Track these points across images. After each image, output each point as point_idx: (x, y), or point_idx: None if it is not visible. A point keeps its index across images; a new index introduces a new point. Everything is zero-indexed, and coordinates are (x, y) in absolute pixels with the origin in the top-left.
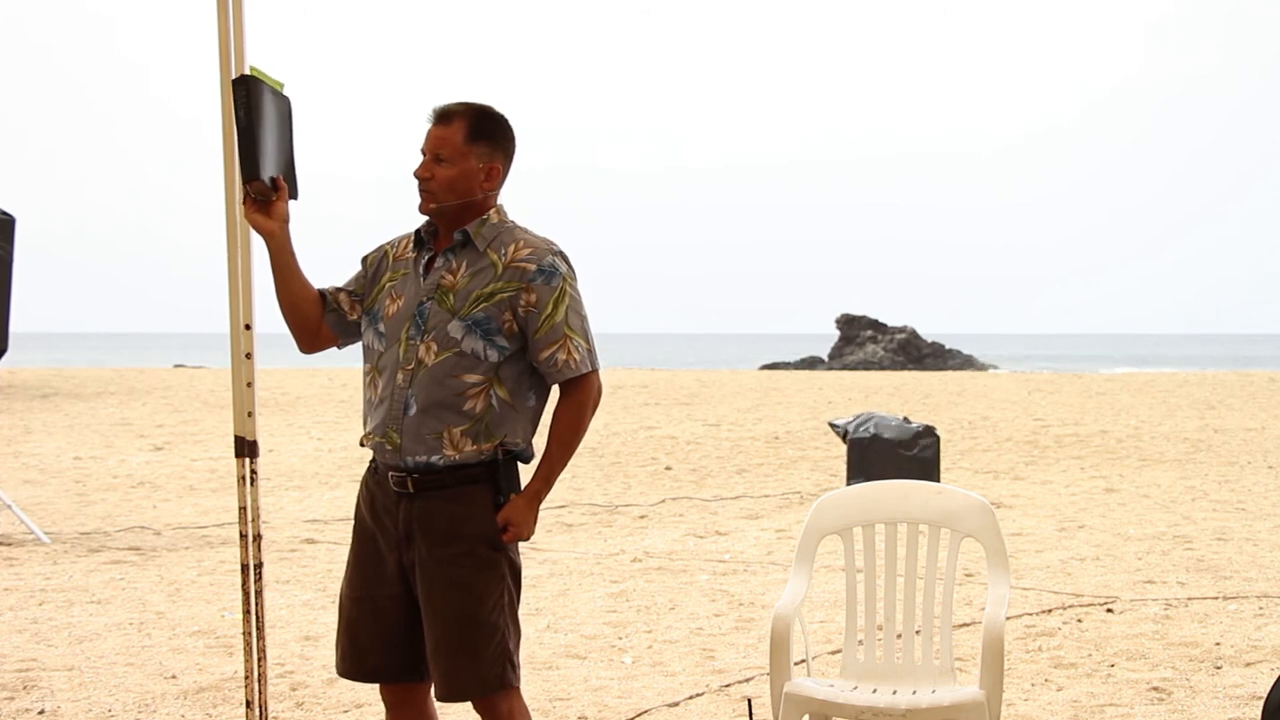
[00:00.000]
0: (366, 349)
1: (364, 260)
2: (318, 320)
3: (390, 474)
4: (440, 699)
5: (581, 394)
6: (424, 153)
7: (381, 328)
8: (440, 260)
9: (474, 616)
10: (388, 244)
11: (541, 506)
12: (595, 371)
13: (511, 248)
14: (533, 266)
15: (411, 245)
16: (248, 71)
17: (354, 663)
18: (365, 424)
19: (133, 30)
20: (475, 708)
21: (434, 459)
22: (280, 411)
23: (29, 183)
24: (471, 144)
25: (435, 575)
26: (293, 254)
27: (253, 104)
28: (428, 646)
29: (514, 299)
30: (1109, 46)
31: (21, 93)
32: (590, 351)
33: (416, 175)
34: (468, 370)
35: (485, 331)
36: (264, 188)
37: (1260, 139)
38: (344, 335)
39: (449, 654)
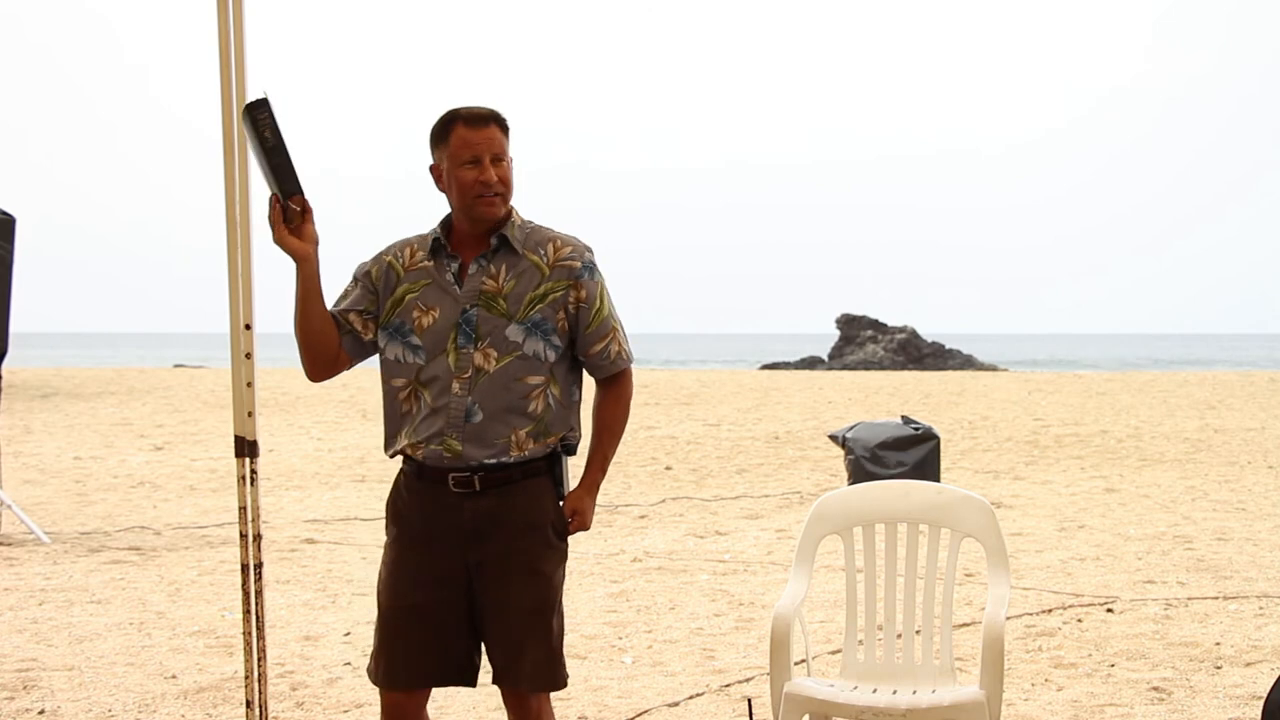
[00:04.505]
0: (393, 363)
1: (365, 276)
2: (337, 344)
3: (451, 475)
4: (529, 688)
5: (625, 385)
6: (478, 159)
7: (416, 340)
8: (474, 266)
9: (552, 604)
10: (387, 256)
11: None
12: (631, 362)
13: (550, 247)
14: (578, 264)
15: (426, 254)
16: (261, 94)
17: (412, 672)
18: (401, 436)
19: (133, 30)
20: (520, 703)
21: (503, 459)
22: (280, 411)
23: (29, 183)
24: (507, 143)
25: (512, 567)
26: (319, 278)
27: (276, 122)
28: (504, 641)
29: (564, 297)
30: (1110, 47)
31: (22, 93)
32: (628, 343)
33: (483, 181)
34: (531, 372)
35: (543, 332)
36: (304, 201)
37: (1260, 139)
38: (359, 356)
39: (535, 645)
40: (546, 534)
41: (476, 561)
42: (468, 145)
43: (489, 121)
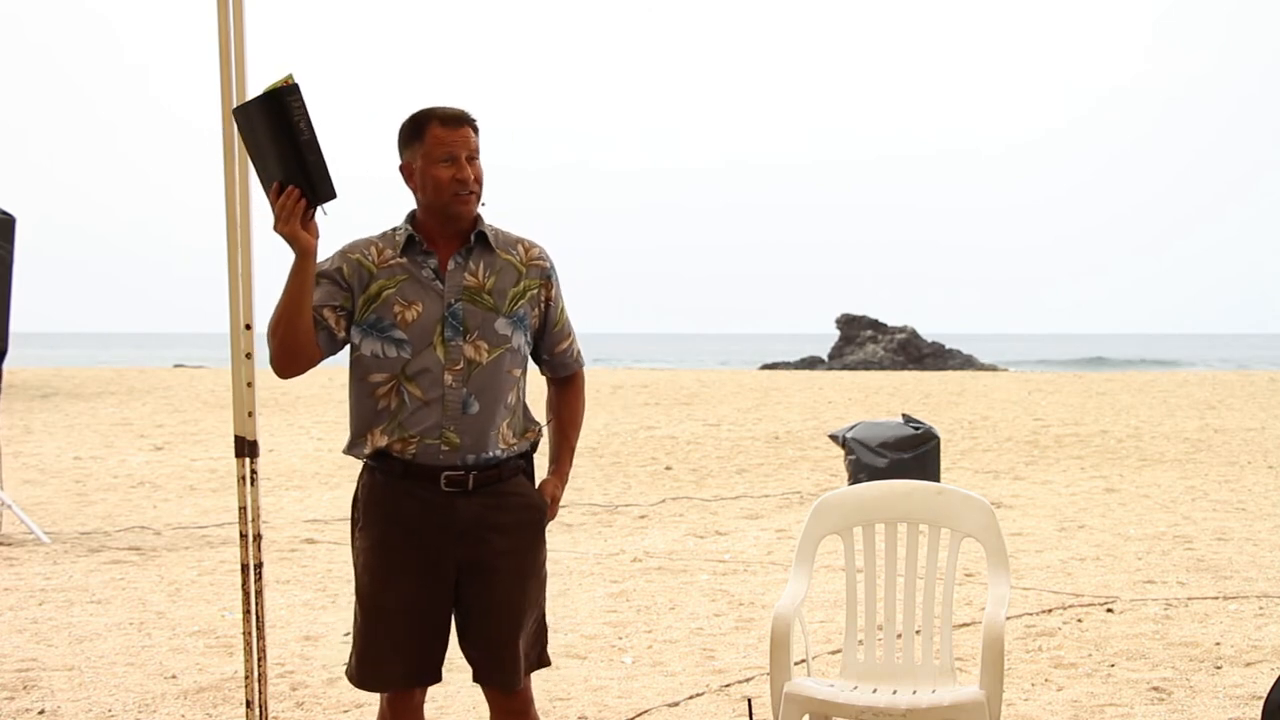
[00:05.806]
0: (371, 359)
1: (335, 273)
2: (314, 340)
3: (444, 474)
4: (509, 688)
5: (583, 381)
6: (454, 157)
7: (400, 334)
8: (453, 263)
9: (539, 599)
10: (354, 254)
11: None
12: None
13: (520, 247)
14: (546, 264)
15: (396, 251)
16: (288, 78)
17: (407, 671)
18: (379, 434)
19: (133, 30)
20: (505, 694)
21: (494, 453)
22: (280, 411)
23: (29, 183)
24: (479, 144)
25: (503, 566)
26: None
27: (309, 113)
28: (492, 640)
29: (539, 294)
30: (1110, 47)
31: (22, 93)
32: None
33: (460, 179)
34: (516, 365)
35: (524, 327)
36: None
37: (1260, 139)
38: (330, 353)
39: (522, 639)
40: (530, 531)
41: (467, 561)
42: (443, 144)
43: (463, 122)
